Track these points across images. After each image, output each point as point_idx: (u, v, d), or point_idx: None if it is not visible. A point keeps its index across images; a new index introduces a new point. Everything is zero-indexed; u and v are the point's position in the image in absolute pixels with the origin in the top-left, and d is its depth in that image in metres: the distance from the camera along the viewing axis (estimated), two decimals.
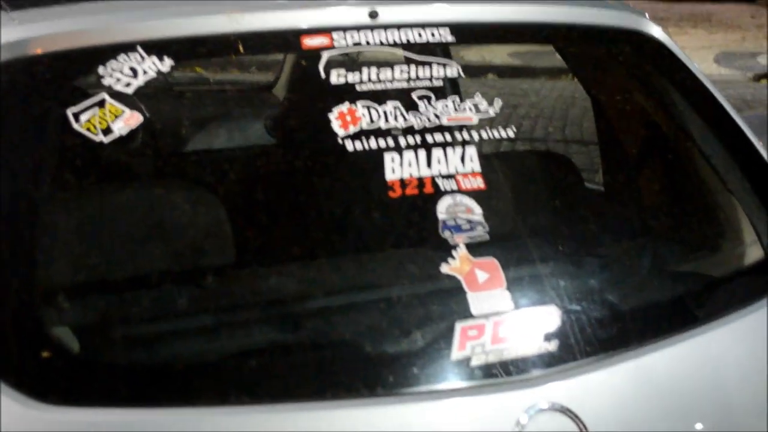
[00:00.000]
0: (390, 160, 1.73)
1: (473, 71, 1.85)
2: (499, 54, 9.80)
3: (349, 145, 1.72)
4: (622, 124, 2.41)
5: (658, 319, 1.79)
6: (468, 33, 1.94)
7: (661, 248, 2.09)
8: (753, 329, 1.83)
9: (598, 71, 2.40)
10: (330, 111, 1.75)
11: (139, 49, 1.70)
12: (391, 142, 1.74)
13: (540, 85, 10.35)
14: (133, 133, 1.66)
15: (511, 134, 1.85)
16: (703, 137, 2.13)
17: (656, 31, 2.16)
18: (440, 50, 1.94)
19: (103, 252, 1.75)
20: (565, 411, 1.57)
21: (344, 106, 1.75)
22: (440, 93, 1.82)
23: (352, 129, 1.73)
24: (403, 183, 1.72)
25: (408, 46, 1.85)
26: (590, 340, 1.67)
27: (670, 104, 2.18)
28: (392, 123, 1.76)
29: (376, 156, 1.72)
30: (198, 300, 1.73)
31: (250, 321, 1.72)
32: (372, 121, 1.75)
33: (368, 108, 1.76)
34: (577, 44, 2.28)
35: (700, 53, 13.43)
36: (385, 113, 1.76)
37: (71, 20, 1.75)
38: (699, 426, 1.70)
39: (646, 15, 2.19)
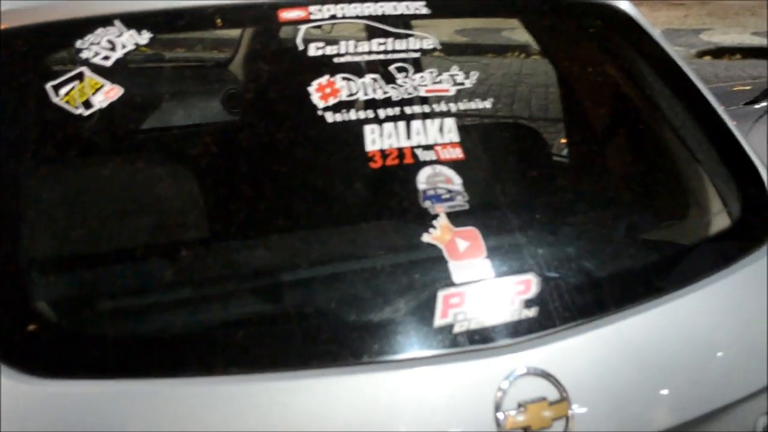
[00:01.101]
0: (370, 130, 1.72)
1: (438, 53, 1.89)
2: (446, 31, 9.80)
3: (330, 117, 1.72)
4: (592, 96, 2.42)
5: (632, 286, 1.81)
6: (443, 6, 1.94)
7: (632, 217, 2.11)
8: (721, 295, 1.86)
9: (567, 45, 2.41)
10: (309, 84, 1.74)
11: (117, 22, 1.69)
12: (370, 114, 1.74)
13: (487, 62, 10.40)
14: (113, 106, 1.65)
15: (486, 106, 1.87)
16: (672, 109, 2.14)
17: (625, 5, 2.17)
18: (408, 24, 1.92)
19: (84, 226, 1.75)
20: (545, 375, 1.58)
21: (323, 79, 1.75)
22: (417, 65, 1.82)
23: (332, 101, 1.73)
24: (383, 154, 1.72)
25: (383, 18, 1.84)
26: (568, 307, 1.68)
27: (640, 77, 2.19)
28: (371, 95, 1.76)
29: (357, 127, 1.72)
30: (179, 273, 1.72)
31: (232, 293, 1.72)
32: (351, 93, 1.75)
33: (346, 80, 1.76)
34: (546, 18, 2.29)
35: None
36: (363, 84, 1.76)
37: None
38: (672, 395, 1.72)
39: None
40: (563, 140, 2.57)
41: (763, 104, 3.47)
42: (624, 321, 1.71)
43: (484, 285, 1.65)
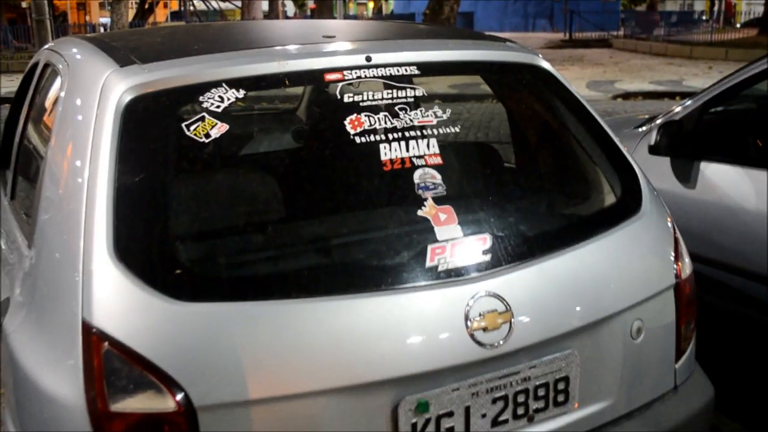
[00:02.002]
0: (383, 147, 1.78)
1: (426, 98, 1.88)
2: (442, 86, 9.80)
3: (358, 140, 1.77)
4: (527, 124, 2.42)
5: (552, 241, 1.85)
6: (427, 68, 1.97)
7: (552, 199, 2.15)
8: (611, 244, 1.92)
9: (510, 91, 2.42)
10: (344, 119, 1.80)
11: (224, 84, 1.75)
12: (383, 136, 1.79)
13: (470, 106, 10.42)
14: (222, 137, 1.71)
15: (456, 131, 1.91)
16: (578, 131, 2.17)
17: (546, 65, 2.20)
18: (407, 80, 1.94)
19: (206, 211, 1.82)
20: (496, 296, 1.67)
21: (353, 116, 1.80)
22: (412, 106, 1.87)
23: (359, 129, 1.78)
24: (392, 161, 1.77)
25: (391, 77, 1.89)
26: (510, 254, 1.75)
27: (556, 111, 2.22)
28: (384, 125, 1.81)
29: (375, 145, 1.78)
30: (266, 238, 1.79)
31: (300, 250, 1.78)
32: (371, 124, 1.79)
33: (368, 116, 1.80)
34: (496, 74, 2.31)
35: (577, 82, 13.55)
36: (378, 119, 1.81)
37: (181, 68, 1.80)
38: (578, 308, 1.79)
39: (539, 54, 2.24)
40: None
41: (644, 129, 3.53)
42: (547, 261, 1.78)
43: (457, 241, 1.71)
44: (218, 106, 1.73)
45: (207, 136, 1.70)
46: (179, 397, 1.46)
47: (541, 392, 1.75)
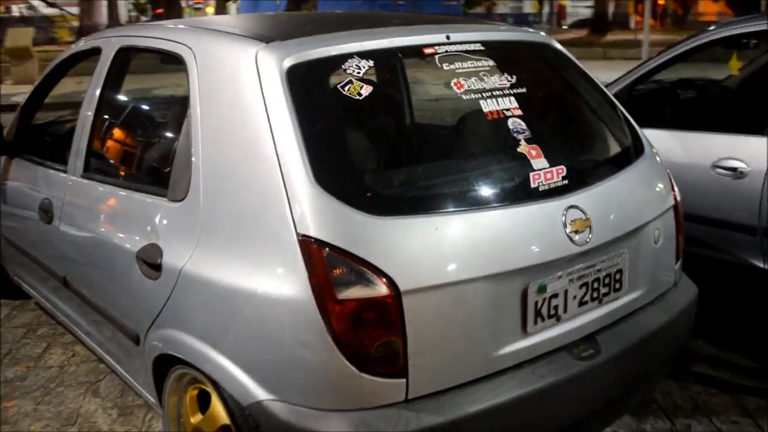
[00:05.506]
0: (483, 102, 2.29)
1: (496, 68, 2.23)
2: None
3: (464, 97, 2.27)
4: (541, 92, 2.77)
5: (604, 171, 2.47)
6: (488, 46, 2.48)
7: (593, 143, 2.74)
8: (637, 172, 2.55)
9: (528, 65, 2.81)
10: (450, 81, 2.29)
11: (356, 56, 2.21)
12: (480, 95, 2.30)
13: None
14: (369, 95, 2.17)
15: (524, 91, 2.42)
16: (587, 95, 2.75)
17: (555, 44, 2.80)
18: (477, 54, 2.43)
19: (368, 149, 2.25)
20: (579, 208, 2.25)
21: (455, 79, 2.29)
22: (490, 72, 2.38)
23: (462, 90, 2.28)
24: (491, 112, 2.28)
25: (466, 51, 2.40)
26: (581, 178, 2.33)
27: (568, 79, 2.81)
28: (477, 86, 2.31)
29: (477, 101, 2.28)
30: (424, 171, 2.22)
31: (448, 179, 2.19)
32: (469, 86, 2.30)
33: (465, 79, 2.31)
34: (518, 50, 2.79)
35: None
36: (473, 81, 2.31)
37: (318, 43, 2.23)
38: (628, 217, 2.38)
39: (550, 36, 2.85)
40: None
41: None
42: (605, 184, 2.39)
43: (546, 170, 2.25)
44: (359, 72, 2.19)
45: (359, 94, 2.16)
46: (389, 284, 1.92)
47: (607, 281, 2.36)
